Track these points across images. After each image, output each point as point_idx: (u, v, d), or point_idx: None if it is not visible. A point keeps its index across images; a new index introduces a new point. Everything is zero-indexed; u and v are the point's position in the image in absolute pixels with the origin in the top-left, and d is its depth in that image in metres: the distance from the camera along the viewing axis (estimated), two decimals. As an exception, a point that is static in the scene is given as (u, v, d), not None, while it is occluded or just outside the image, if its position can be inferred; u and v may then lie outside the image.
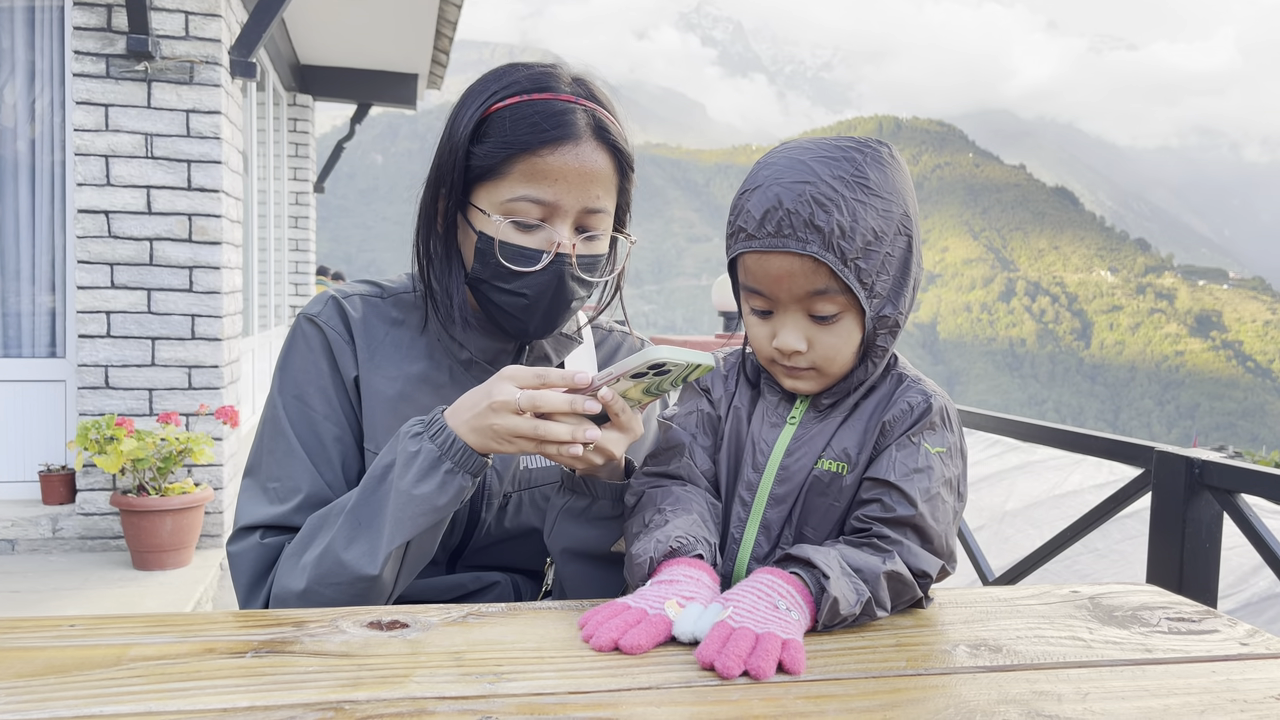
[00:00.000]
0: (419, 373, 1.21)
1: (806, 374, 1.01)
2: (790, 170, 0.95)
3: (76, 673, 0.75)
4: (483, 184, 1.14)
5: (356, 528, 1.04)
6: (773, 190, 0.95)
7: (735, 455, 1.07)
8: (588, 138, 1.12)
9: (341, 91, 8.01)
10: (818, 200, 0.93)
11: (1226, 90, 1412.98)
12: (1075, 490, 4.23)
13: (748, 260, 0.98)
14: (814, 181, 0.94)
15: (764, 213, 0.94)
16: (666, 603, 0.86)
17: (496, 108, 1.13)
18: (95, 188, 4.14)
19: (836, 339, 0.98)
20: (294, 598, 1.06)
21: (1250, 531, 2.13)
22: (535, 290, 1.14)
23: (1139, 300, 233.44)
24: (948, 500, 0.98)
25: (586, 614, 0.88)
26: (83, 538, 4.25)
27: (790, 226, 0.93)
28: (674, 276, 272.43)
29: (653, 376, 0.98)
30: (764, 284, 0.98)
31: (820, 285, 0.95)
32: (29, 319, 4.44)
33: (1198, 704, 0.77)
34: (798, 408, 1.05)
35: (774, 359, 1.02)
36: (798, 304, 0.97)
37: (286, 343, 1.21)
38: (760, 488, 1.03)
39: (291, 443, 1.16)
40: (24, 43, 4.32)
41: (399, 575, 1.07)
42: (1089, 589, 1.08)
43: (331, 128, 18.48)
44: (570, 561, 1.14)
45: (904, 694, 0.76)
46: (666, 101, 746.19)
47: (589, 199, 1.13)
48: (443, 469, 1.01)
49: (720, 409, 1.10)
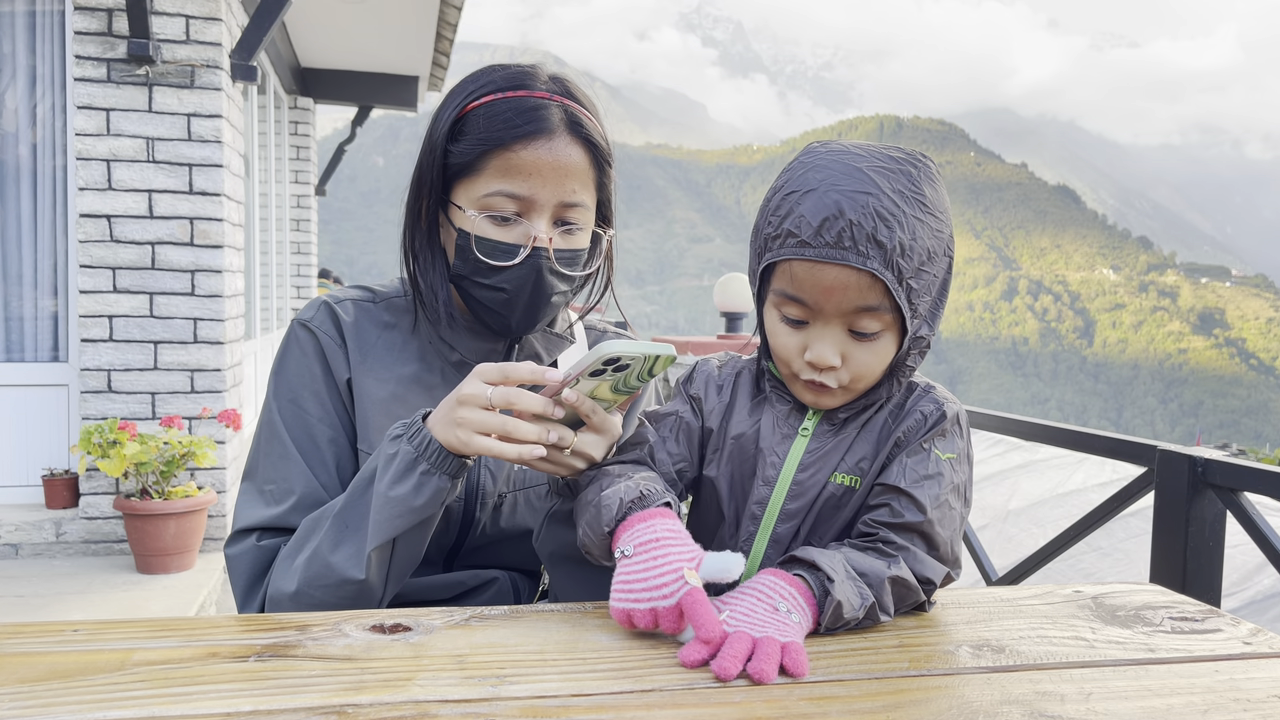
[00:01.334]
0: (411, 374, 1.22)
1: (832, 391, 0.98)
2: (848, 178, 0.91)
3: (80, 678, 0.75)
4: (461, 181, 1.16)
5: (343, 530, 1.05)
6: (832, 197, 0.90)
7: (741, 467, 1.04)
8: (562, 132, 1.14)
9: (342, 94, 8.02)
10: (880, 215, 0.90)
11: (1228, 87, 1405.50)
12: (1078, 489, 4.23)
13: (795, 267, 0.93)
14: (876, 194, 0.90)
15: (823, 220, 0.90)
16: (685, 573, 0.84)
17: (472, 106, 1.15)
18: (97, 192, 4.15)
19: (872, 356, 0.96)
20: (287, 599, 1.07)
21: (1254, 530, 2.13)
22: (514, 284, 1.15)
23: (1141, 298, 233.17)
24: (955, 507, 0.97)
25: (687, 649, 0.82)
26: (86, 542, 4.25)
27: (852, 239, 0.89)
28: (676, 277, 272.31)
29: (613, 373, 0.97)
30: (810, 294, 0.93)
31: (872, 302, 0.92)
32: (31, 324, 4.44)
33: (1201, 704, 0.77)
34: (810, 419, 1.02)
35: (798, 373, 0.98)
36: (841, 318, 0.94)
37: (281, 348, 1.23)
38: (771, 502, 1.02)
39: (286, 446, 1.17)
40: (25, 47, 4.33)
41: (388, 578, 1.08)
42: (1092, 589, 1.08)
43: (333, 130, 18.51)
44: (559, 565, 1.15)
45: (907, 695, 0.76)
46: (667, 102, 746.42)
47: (565, 193, 1.14)
48: (419, 470, 1.02)
49: (712, 420, 1.07)
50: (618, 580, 0.87)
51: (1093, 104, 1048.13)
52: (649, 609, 0.83)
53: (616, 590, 0.86)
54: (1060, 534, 2.64)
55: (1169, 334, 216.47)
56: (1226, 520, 2.21)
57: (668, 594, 0.83)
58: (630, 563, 0.87)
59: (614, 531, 0.92)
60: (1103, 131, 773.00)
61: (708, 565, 0.85)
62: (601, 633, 0.88)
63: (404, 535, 1.05)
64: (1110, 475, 4.10)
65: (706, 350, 5.51)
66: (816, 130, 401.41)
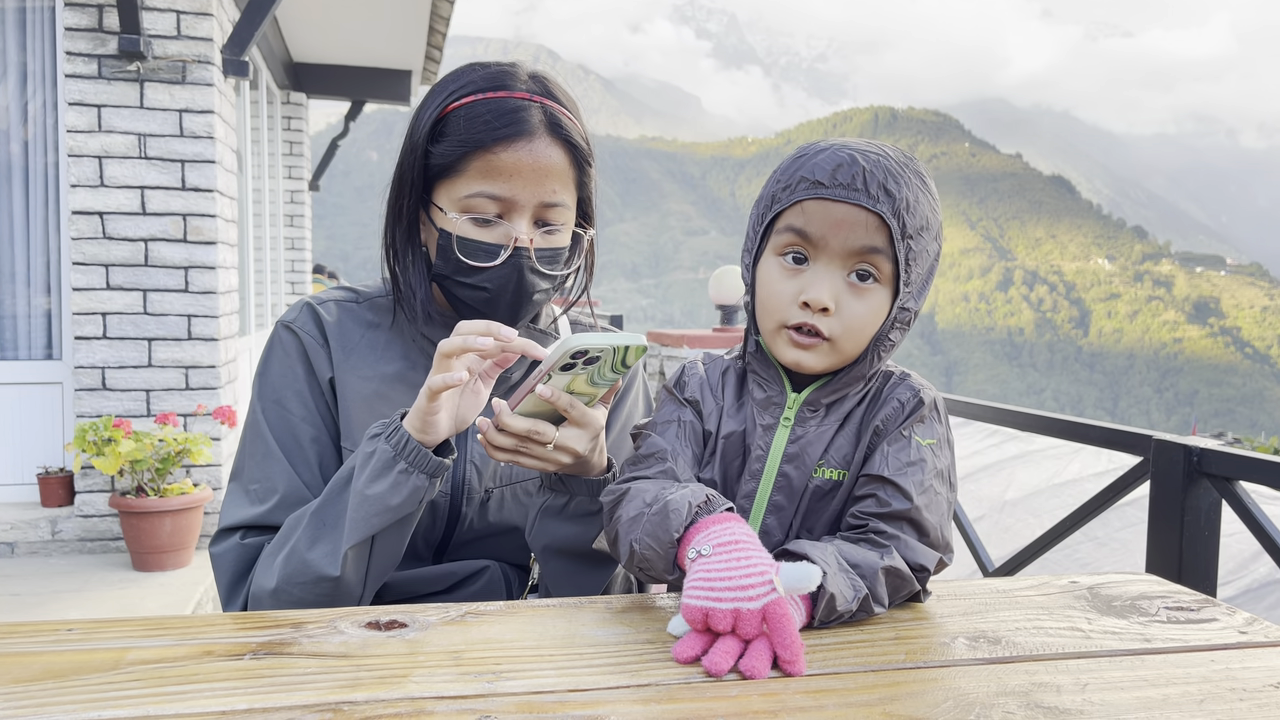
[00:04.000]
0: (394, 372, 1.23)
1: (817, 345, 0.98)
2: (859, 144, 0.98)
3: (74, 677, 0.74)
4: (441, 182, 1.17)
5: (320, 528, 1.06)
6: (845, 152, 0.96)
7: (731, 464, 1.05)
8: (542, 134, 1.15)
9: (335, 89, 8.00)
10: (890, 171, 0.96)
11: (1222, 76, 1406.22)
12: (1075, 479, 4.24)
13: (808, 205, 0.97)
14: (884, 156, 0.97)
15: (836, 166, 0.95)
16: (774, 578, 0.81)
17: (453, 107, 1.16)
18: (89, 189, 4.13)
19: (863, 309, 0.97)
20: (267, 596, 1.08)
21: (1249, 518, 2.13)
22: (496, 284, 1.17)
23: (1136, 288, 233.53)
24: (941, 492, 0.98)
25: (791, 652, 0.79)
26: (82, 540, 4.25)
27: (863, 182, 0.95)
28: (671, 270, 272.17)
29: (584, 366, 0.97)
30: (818, 228, 0.97)
31: (877, 244, 0.96)
32: (25, 321, 4.43)
33: (1197, 693, 0.77)
34: (790, 407, 1.02)
35: (788, 319, 0.98)
36: (842, 260, 0.97)
37: (265, 350, 1.25)
38: (759, 494, 1.02)
39: (270, 446, 1.18)
40: (15, 44, 4.31)
41: (367, 577, 1.08)
42: (1087, 579, 1.08)
43: (326, 125, 18.47)
44: (551, 559, 1.16)
45: (903, 687, 0.76)
46: (662, 95, 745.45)
47: (545, 193, 1.15)
48: (396, 469, 1.03)
49: (710, 422, 1.06)
50: (695, 577, 0.83)
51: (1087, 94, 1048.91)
52: (731, 609, 0.79)
53: (694, 586, 0.82)
54: (1056, 524, 2.65)
55: (1164, 323, 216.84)
56: (1222, 509, 2.21)
57: (754, 596, 0.79)
58: (709, 561, 0.83)
59: (682, 538, 0.89)
60: (1097, 121, 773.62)
61: (786, 574, 0.81)
62: (597, 628, 0.88)
63: (383, 534, 1.06)
64: (1106, 465, 4.11)
65: (703, 343, 5.51)
66: (811, 122, 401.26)
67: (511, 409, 1.02)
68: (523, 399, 1.01)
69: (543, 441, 1.02)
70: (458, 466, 1.22)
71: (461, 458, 1.22)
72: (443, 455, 1.07)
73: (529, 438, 1.02)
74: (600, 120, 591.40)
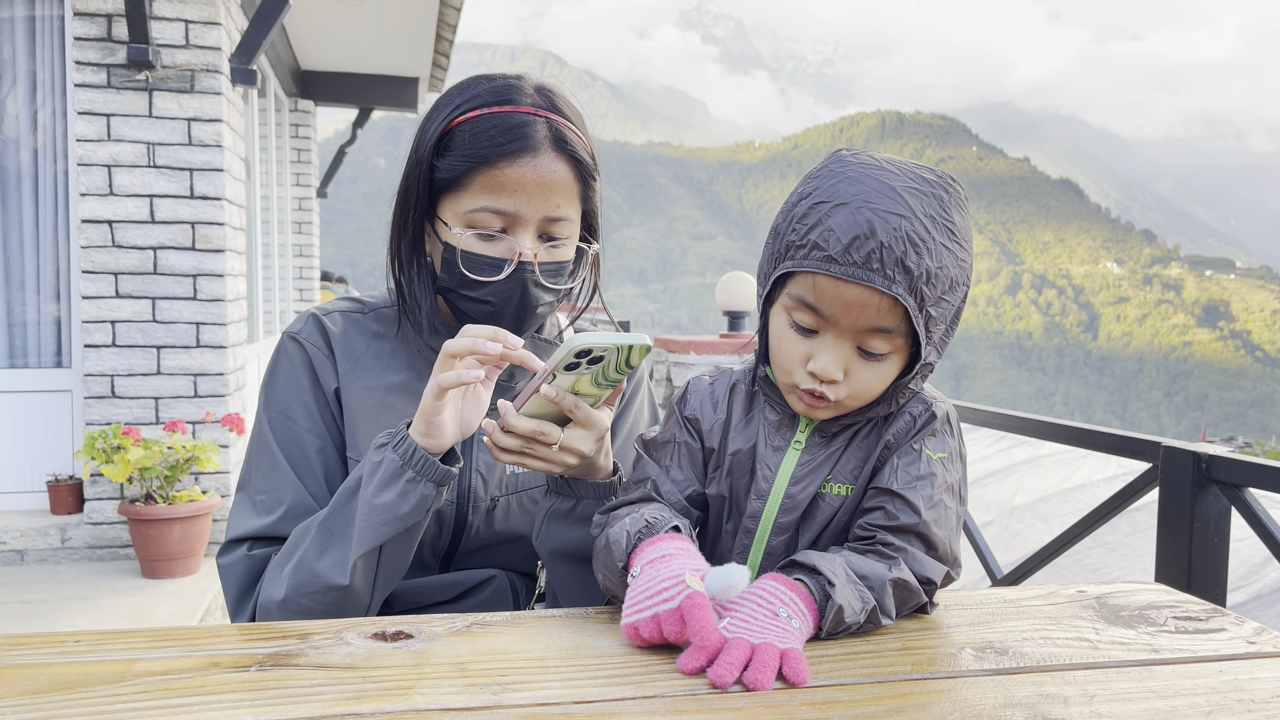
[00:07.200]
0: (400, 382, 1.24)
1: (827, 405, 0.97)
2: (881, 196, 0.90)
3: (82, 689, 0.75)
4: (447, 196, 1.18)
5: (329, 538, 1.07)
6: (864, 215, 0.89)
7: (739, 482, 1.04)
8: (546, 149, 1.15)
9: (342, 96, 8.03)
10: (912, 240, 0.89)
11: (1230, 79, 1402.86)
12: (1083, 484, 4.22)
13: (819, 280, 0.92)
14: (909, 217, 0.89)
15: (853, 238, 0.89)
16: (687, 577, 0.83)
17: (458, 121, 1.16)
18: (98, 197, 4.15)
19: (874, 376, 0.96)
20: (275, 607, 1.08)
21: (1259, 525, 2.12)
22: (500, 298, 1.17)
23: (1146, 291, 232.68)
24: (950, 506, 0.97)
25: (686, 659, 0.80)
26: (91, 547, 4.26)
27: (880, 261, 0.88)
28: (678, 275, 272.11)
29: (588, 365, 0.97)
30: (828, 306, 0.92)
31: (889, 325, 0.92)
32: (34, 329, 4.45)
33: (1205, 704, 0.76)
34: (802, 431, 1.02)
35: (798, 382, 0.97)
36: (853, 335, 0.94)
37: (271, 361, 1.25)
38: (765, 515, 1.02)
39: (276, 457, 1.19)
40: (25, 53, 4.33)
41: (375, 586, 1.09)
42: (1095, 588, 1.07)
43: (333, 132, 18.51)
44: (559, 563, 1.16)
45: (909, 699, 0.76)
46: (668, 100, 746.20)
47: (549, 208, 1.16)
48: (404, 478, 1.03)
49: (711, 439, 1.06)
50: (626, 599, 0.87)
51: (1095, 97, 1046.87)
52: (652, 615, 0.83)
53: (625, 607, 0.87)
54: (1065, 531, 2.64)
55: (1174, 327, 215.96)
56: (1232, 516, 2.20)
57: (668, 598, 0.82)
58: (637, 581, 0.88)
59: (627, 565, 0.92)
60: (1105, 125, 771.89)
61: (712, 577, 0.84)
62: (604, 639, 0.87)
63: (390, 542, 1.06)
64: (1115, 470, 4.09)
65: (710, 349, 5.50)
66: (818, 127, 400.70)
67: (516, 410, 1.03)
68: (527, 400, 1.02)
69: (548, 442, 1.02)
70: (463, 475, 1.22)
71: (467, 466, 1.23)
72: (449, 464, 1.07)
73: (534, 439, 1.03)
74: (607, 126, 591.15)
